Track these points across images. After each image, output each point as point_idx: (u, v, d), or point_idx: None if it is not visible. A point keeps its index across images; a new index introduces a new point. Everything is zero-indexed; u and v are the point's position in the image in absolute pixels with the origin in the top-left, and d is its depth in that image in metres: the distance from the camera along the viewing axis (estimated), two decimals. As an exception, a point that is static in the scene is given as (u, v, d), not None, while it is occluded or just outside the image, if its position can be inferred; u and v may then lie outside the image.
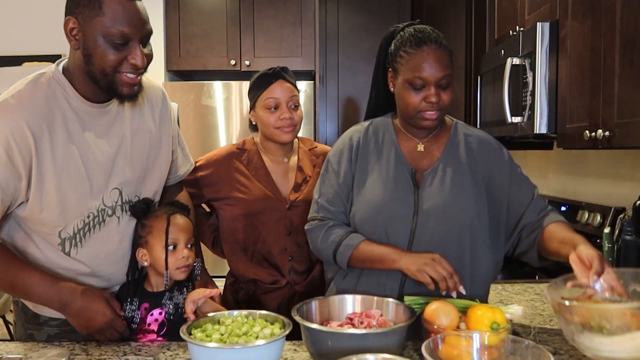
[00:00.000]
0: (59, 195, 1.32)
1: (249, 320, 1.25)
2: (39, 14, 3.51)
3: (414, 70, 1.41)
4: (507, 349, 1.05)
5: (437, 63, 1.41)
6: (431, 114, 1.43)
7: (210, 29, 3.50)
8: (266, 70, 1.77)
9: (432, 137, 1.54)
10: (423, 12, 3.57)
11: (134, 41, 1.27)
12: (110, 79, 1.28)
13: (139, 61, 1.27)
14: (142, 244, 1.45)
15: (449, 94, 1.45)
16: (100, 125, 1.40)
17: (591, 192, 2.34)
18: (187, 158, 1.72)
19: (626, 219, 1.83)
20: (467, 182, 1.47)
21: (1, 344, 1.40)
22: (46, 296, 1.34)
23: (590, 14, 1.68)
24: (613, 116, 1.54)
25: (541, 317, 1.66)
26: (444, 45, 1.44)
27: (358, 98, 3.89)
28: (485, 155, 1.52)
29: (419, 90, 1.42)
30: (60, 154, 1.32)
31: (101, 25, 1.23)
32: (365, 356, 1.01)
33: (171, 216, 1.44)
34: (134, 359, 1.31)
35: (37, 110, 1.29)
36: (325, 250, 1.49)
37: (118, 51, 1.25)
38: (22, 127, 1.26)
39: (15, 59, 3.50)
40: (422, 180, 1.47)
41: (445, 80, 1.42)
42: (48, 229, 1.36)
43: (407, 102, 1.44)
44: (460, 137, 1.54)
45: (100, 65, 1.26)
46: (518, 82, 2.06)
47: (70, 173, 1.34)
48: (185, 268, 1.43)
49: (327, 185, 1.55)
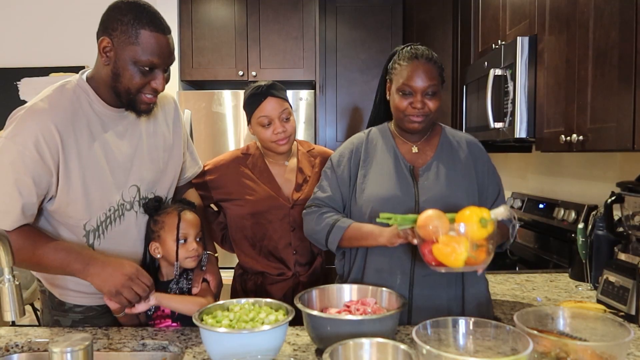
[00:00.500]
0: (84, 189, 1.33)
1: (255, 308, 1.25)
2: (66, 28, 3.52)
3: (404, 79, 1.47)
4: (490, 333, 1.05)
5: (424, 74, 1.46)
6: (416, 118, 1.48)
7: (220, 42, 3.49)
8: (254, 90, 1.71)
9: (424, 140, 1.57)
10: (414, 28, 3.57)
11: (159, 69, 1.33)
12: (132, 98, 1.33)
13: (160, 87, 1.34)
14: (155, 238, 1.46)
15: (435, 103, 1.49)
16: (119, 127, 1.41)
17: (566, 191, 2.34)
18: (195, 161, 1.72)
19: (598, 216, 1.83)
20: (458, 176, 1.50)
21: (30, 329, 1.40)
22: (69, 258, 1.30)
23: (565, 29, 1.68)
24: (586, 122, 1.54)
25: (521, 305, 1.66)
26: (433, 60, 1.49)
27: (355, 106, 3.88)
28: (473, 152, 1.56)
29: (407, 96, 1.48)
30: (85, 152, 1.33)
31: (134, 53, 1.28)
32: (361, 340, 1.01)
33: (181, 212, 1.45)
34: (151, 343, 1.31)
35: (63, 113, 1.31)
36: (319, 233, 1.52)
37: (144, 76, 1.31)
38: (50, 128, 1.28)
39: (43, 70, 3.50)
40: (419, 175, 1.50)
41: (431, 89, 1.47)
42: (74, 221, 1.37)
43: (396, 105, 1.50)
44: (449, 139, 1.58)
45: (127, 85, 1.31)
46: (500, 91, 2.06)
47: (94, 169, 1.35)
48: (195, 257, 1.45)
49: (326, 181, 1.58)
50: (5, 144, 1.27)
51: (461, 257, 1.18)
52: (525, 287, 1.87)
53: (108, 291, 1.30)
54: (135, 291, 1.30)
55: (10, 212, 1.29)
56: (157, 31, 1.29)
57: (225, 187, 1.78)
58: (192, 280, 1.48)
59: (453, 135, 1.60)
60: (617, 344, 0.98)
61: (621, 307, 1.49)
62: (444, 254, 1.19)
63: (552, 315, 1.12)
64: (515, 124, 1.93)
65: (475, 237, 1.20)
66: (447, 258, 1.19)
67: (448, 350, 1.03)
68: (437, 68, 1.49)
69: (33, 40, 3.53)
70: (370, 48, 3.81)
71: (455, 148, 1.56)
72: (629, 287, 1.48)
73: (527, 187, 2.72)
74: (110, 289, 1.30)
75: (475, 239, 1.20)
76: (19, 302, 1.14)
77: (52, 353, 1.01)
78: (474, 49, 2.62)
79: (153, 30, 1.28)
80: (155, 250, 1.45)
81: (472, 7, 2.62)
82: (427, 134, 1.58)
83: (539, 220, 2.42)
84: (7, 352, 1.30)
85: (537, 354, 0.99)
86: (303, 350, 1.25)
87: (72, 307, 1.49)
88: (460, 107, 2.71)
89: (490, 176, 1.56)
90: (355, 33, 3.82)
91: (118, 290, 1.29)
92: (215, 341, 1.11)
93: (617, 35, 1.38)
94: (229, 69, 3.50)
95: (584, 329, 1.09)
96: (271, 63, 3.50)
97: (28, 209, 1.31)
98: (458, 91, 2.81)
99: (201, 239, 1.48)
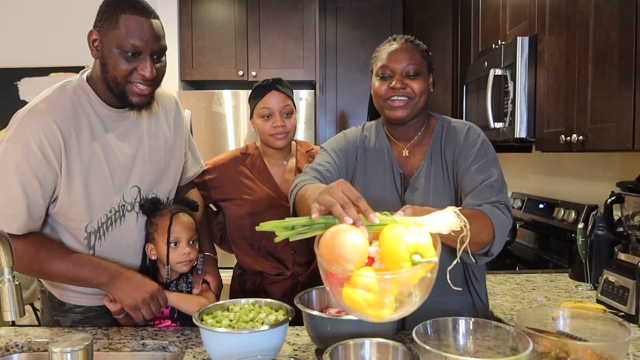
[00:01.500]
0: (85, 190, 1.33)
1: (255, 308, 1.25)
2: (66, 28, 3.52)
3: (382, 60, 1.37)
4: (490, 333, 1.05)
5: (402, 53, 1.34)
6: (396, 101, 1.34)
7: (220, 42, 3.49)
8: (261, 82, 1.76)
9: (415, 142, 1.44)
10: (414, 28, 3.57)
11: (145, 54, 1.28)
12: (122, 88, 1.30)
13: (147, 73, 1.28)
14: (150, 240, 1.45)
15: (419, 84, 1.35)
16: (120, 128, 1.40)
17: (566, 191, 2.34)
18: (197, 161, 1.72)
19: (598, 216, 1.83)
20: (446, 187, 1.37)
21: (30, 329, 1.40)
22: (95, 272, 1.34)
23: (565, 29, 1.68)
24: (586, 122, 1.54)
25: (521, 304, 1.65)
26: (414, 42, 1.38)
27: (354, 105, 3.89)
28: (451, 140, 1.39)
29: (385, 80, 1.36)
30: (86, 153, 1.33)
31: (116, 38, 1.25)
32: (361, 340, 1.01)
33: (174, 215, 1.43)
34: (151, 343, 1.31)
35: (64, 114, 1.30)
36: (290, 195, 1.34)
37: (129, 62, 1.27)
38: (52, 128, 1.27)
39: (43, 70, 3.50)
40: (409, 185, 1.40)
41: (413, 69, 1.34)
42: (75, 223, 1.36)
43: (375, 91, 1.38)
44: (441, 137, 1.41)
45: (113, 73, 1.28)
46: (500, 91, 2.06)
47: (95, 170, 1.34)
48: (187, 262, 1.44)
49: (320, 158, 1.45)
50: (7, 147, 1.26)
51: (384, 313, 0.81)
52: (525, 287, 1.87)
53: (129, 305, 1.35)
54: (152, 309, 1.36)
55: (17, 215, 1.28)
56: (137, 14, 1.25)
57: (224, 187, 1.78)
58: (192, 282, 1.47)
59: (448, 131, 1.41)
60: (617, 344, 0.98)
61: (621, 307, 1.49)
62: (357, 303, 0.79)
63: (552, 315, 1.12)
64: (515, 124, 1.93)
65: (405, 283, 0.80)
66: (363, 309, 0.80)
67: (448, 351, 1.03)
68: (418, 50, 1.37)
69: (33, 40, 3.53)
70: (370, 48, 3.78)
71: (442, 145, 1.39)
72: (629, 287, 1.48)
73: (527, 187, 2.72)
74: (131, 303, 1.35)
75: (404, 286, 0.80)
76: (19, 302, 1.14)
77: (52, 353, 1.01)
78: (474, 49, 2.62)
79: (133, 13, 1.25)
80: (150, 251, 1.46)
81: (472, 7, 2.61)
82: (420, 132, 1.43)
83: (539, 220, 2.42)
84: (7, 352, 1.30)
85: (537, 354, 0.99)
86: (303, 350, 1.25)
87: (72, 308, 1.49)
88: (460, 107, 2.71)
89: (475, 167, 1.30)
90: (355, 33, 3.82)
91: (138, 305, 1.35)
92: (215, 341, 1.11)
93: (617, 35, 1.38)
94: (229, 69, 3.50)
95: (584, 329, 1.09)
96: (271, 63, 3.50)
97: (35, 212, 1.30)
98: (458, 91, 2.81)
99: (195, 242, 1.46)
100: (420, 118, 1.43)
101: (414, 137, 1.44)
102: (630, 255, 1.56)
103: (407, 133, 1.44)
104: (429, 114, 1.47)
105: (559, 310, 1.13)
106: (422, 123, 1.44)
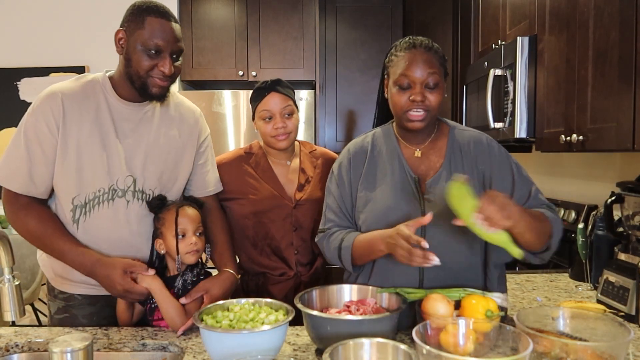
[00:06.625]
0: (78, 164, 1.43)
1: (255, 308, 1.25)
2: (66, 28, 3.52)
3: (401, 69, 1.35)
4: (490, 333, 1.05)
5: (424, 63, 1.33)
6: (416, 115, 1.35)
7: (220, 42, 3.50)
8: (260, 84, 1.76)
9: (429, 143, 1.45)
10: (414, 27, 3.57)
11: (165, 53, 1.41)
12: (143, 81, 1.42)
13: (167, 69, 1.42)
14: (158, 235, 1.49)
15: (437, 96, 1.35)
16: (129, 121, 1.49)
17: (566, 191, 2.34)
18: (218, 180, 1.73)
19: (598, 216, 1.83)
20: None
21: (30, 329, 1.40)
22: (75, 265, 1.44)
23: (565, 29, 1.68)
24: (586, 122, 1.54)
25: (521, 304, 1.66)
26: (434, 50, 1.37)
27: (355, 105, 3.89)
28: (484, 155, 1.41)
29: (405, 90, 1.35)
30: (86, 130, 1.43)
31: (141, 37, 1.40)
32: (361, 340, 1.01)
33: (180, 208, 1.48)
34: (151, 343, 1.31)
35: (73, 92, 1.45)
36: (333, 259, 1.46)
37: (151, 59, 1.40)
38: (57, 100, 1.42)
39: (43, 70, 3.50)
40: (426, 187, 1.38)
41: (432, 80, 1.34)
42: (64, 194, 1.45)
43: (394, 102, 1.38)
44: (459, 143, 1.43)
45: (136, 68, 1.41)
46: (500, 91, 2.06)
47: (92, 149, 1.44)
48: (195, 252, 1.46)
49: (331, 196, 1.51)
50: (24, 118, 1.46)
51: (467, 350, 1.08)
52: (525, 287, 1.87)
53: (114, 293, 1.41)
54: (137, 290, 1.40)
55: (19, 175, 1.43)
56: (161, 17, 1.41)
57: (228, 186, 1.77)
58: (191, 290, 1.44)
59: (462, 137, 1.44)
60: (617, 344, 0.98)
61: (621, 307, 1.49)
62: (449, 343, 1.09)
63: (552, 315, 1.12)
64: (515, 124, 1.93)
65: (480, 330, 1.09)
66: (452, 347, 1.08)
67: (448, 350, 1.03)
68: (438, 57, 1.36)
69: (33, 40, 3.52)
70: (370, 48, 3.81)
71: (465, 153, 1.41)
72: (629, 287, 1.48)
73: (527, 187, 2.72)
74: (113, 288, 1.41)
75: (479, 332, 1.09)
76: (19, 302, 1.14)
77: (52, 353, 1.01)
78: (474, 49, 2.62)
79: (157, 16, 1.41)
80: (159, 246, 1.49)
81: (472, 7, 2.62)
82: (432, 136, 1.45)
83: (539, 220, 2.41)
84: (7, 352, 1.30)
85: (537, 354, 0.99)
86: (303, 350, 1.25)
87: (57, 294, 1.55)
88: (460, 107, 2.71)
89: (518, 180, 1.38)
90: (355, 33, 3.82)
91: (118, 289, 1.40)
92: (215, 341, 1.11)
93: (617, 35, 1.38)
94: (229, 69, 3.50)
95: (584, 329, 1.09)
96: (271, 63, 3.51)
97: (36, 176, 1.43)
98: (458, 91, 2.81)
99: (201, 233, 1.49)
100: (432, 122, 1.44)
101: (426, 139, 1.45)
102: (630, 255, 1.56)
103: (419, 136, 1.45)
104: None
105: (559, 310, 1.13)
106: (433, 127, 1.46)
